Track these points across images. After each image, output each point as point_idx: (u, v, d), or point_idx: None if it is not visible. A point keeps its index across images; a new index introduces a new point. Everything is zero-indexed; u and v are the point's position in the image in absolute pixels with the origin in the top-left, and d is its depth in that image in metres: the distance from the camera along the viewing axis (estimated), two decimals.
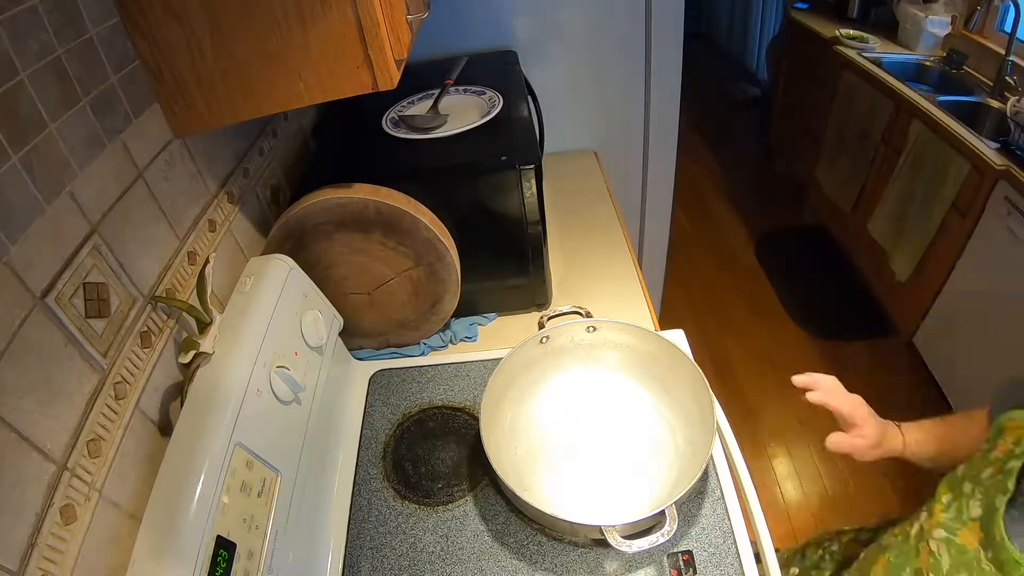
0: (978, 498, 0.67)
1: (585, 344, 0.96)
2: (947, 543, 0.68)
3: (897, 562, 0.75)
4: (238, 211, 0.95)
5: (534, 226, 1.02)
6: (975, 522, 0.66)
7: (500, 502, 0.85)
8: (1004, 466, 0.64)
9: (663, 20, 1.54)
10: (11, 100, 0.53)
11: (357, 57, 0.74)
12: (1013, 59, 2.03)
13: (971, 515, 0.67)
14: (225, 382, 0.68)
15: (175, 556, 0.55)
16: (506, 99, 1.16)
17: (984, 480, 0.67)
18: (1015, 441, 0.65)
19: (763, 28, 4.10)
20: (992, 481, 0.65)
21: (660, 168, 1.84)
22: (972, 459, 0.71)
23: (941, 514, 0.71)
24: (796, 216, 3.10)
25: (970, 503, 0.68)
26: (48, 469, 0.53)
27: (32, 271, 0.54)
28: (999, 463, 0.65)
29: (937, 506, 0.72)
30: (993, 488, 0.65)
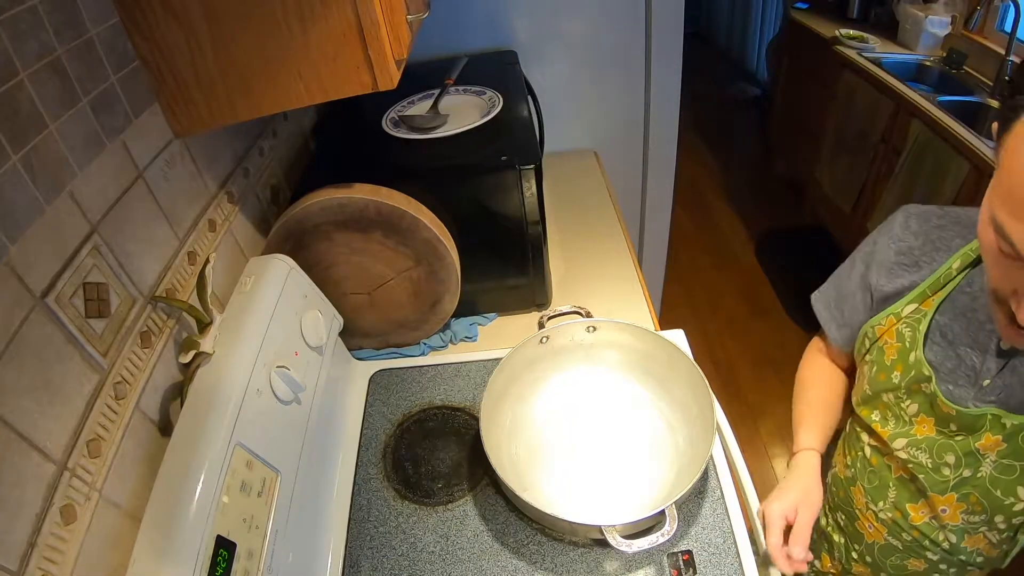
0: (905, 399, 0.73)
1: (585, 344, 0.96)
2: (914, 444, 0.72)
3: (873, 486, 0.79)
4: (238, 211, 0.95)
5: (534, 226, 1.02)
6: (918, 416, 0.72)
7: (500, 502, 0.85)
8: (908, 360, 0.71)
9: (663, 20, 1.54)
10: (11, 100, 0.53)
11: (357, 57, 0.74)
12: (1013, 59, 2.03)
13: (911, 413, 0.72)
14: (225, 382, 0.68)
15: (175, 556, 0.55)
16: (506, 99, 1.16)
17: (900, 384, 0.73)
18: (898, 338, 0.73)
19: (763, 28, 4.10)
20: (909, 378, 0.71)
21: (660, 168, 1.84)
22: (869, 379, 0.77)
23: (884, 429, 0.76)
24: (796, 216, 3.10)
25: (902, 406, 0.73)
26: (48, 469, 0.53)
27: (32, 271, 0.54)
28: (900, 366, 0.72)
29: (874, 425, 0.77)
30: (914, 382, 0.71)
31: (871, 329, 0.77)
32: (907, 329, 0.72)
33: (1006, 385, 0.65)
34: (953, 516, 0.70)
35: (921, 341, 0.70)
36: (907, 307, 0.73)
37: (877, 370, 0.76)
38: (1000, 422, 0.64)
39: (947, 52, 2.35)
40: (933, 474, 0.70)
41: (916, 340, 0.71)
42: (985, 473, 0.66)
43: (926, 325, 0.71)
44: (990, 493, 0.66)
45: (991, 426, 0.64)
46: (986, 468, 0.66)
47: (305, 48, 0.73)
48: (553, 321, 0.97)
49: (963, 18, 2.31)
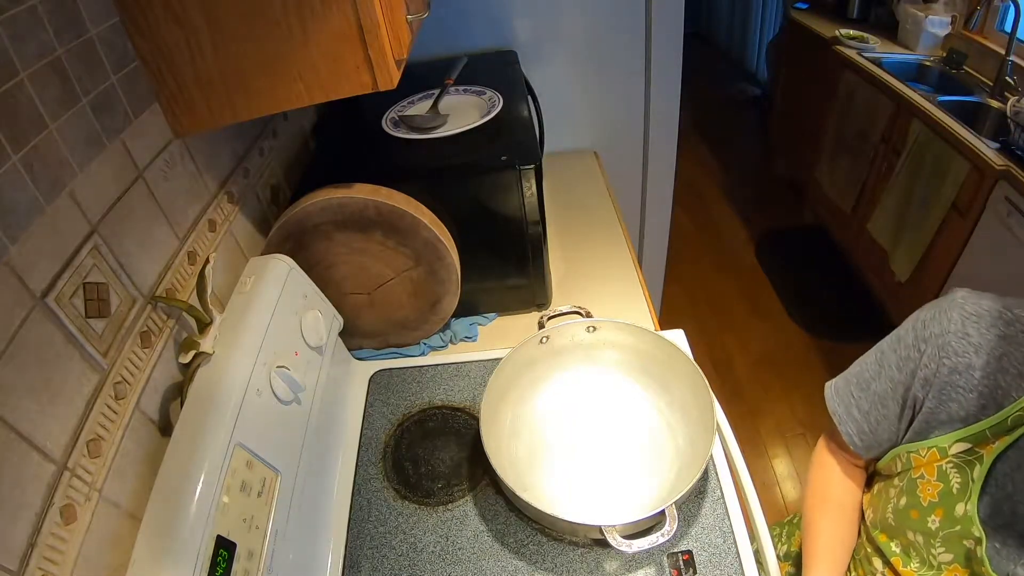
0: (939, 547, 0.62)
1: (585, 344, 0.96)
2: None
3: None
4: (238, 211, 0.95)
5: (534, 226, 1.02)
6: (951, 566, 0.61)
7: (500, 502, 0.85)
8: (953, 511, 0.60)
9: (663, 20, 1.54)
10: (11, 100, 0.53)
11: (357, 57, 0.74)
12: (1013, 59, 2.03)
13: (943, 560, 0.62)
14: (225, 382, 0.68)
15: (175, 556, 0.55)
16: (506, 99, 1.16)
17: (936, 531, 0.62)
18: (940, 478, 0.61)
19: (763, 28, 4.10)
20: (950, 531, 0.60)
21: (660, 168, 1.84)
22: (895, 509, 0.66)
23: (906, 569, 0.66)
24: (796, 216, 3.10)
25: (932, 552, 0.63)
26: (48, 469, 0.53)
27: (32, 271, 0.54)
28: (942, 511, 0.61)
29: (895, 560, 0.67)
30: (956, 536, 0.60)
31: (906, 455, 0.65)
32: (955, 472, 0.60)
33: None
34: None
35: (977, 494, 0.58)
36: (956, 444, 0.60)
37: (907, 504, 0.65)
38: None
39: (947, 52, 2.35)
40: None
41: (969, 491, 0.59)
42: None
43: (983, 474, 0.58)
44: None
45: None
46: None
47: (305, 48, 0.73)
48: (553, 321, 0.97)
49: (963, 18, 2.31)
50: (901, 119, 2.14)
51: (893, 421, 0.68)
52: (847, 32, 2.58)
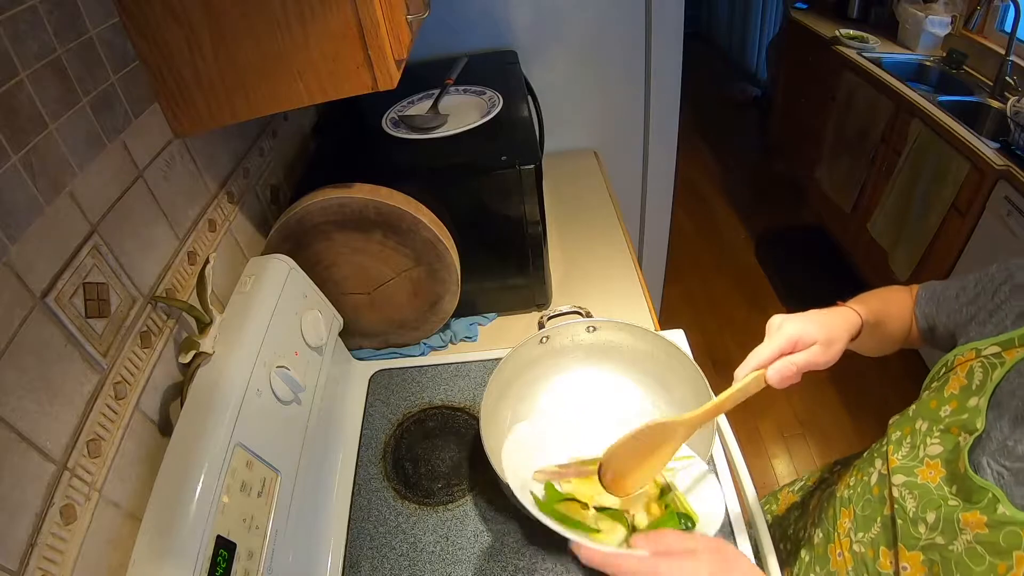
0: (936, 436, 0.66)
1: (585, 344, 0.96)
2: (908, 487, 0.67)
3: (864, 515, 0.74)
4: (238, 211, 0.95)
5: (534, 226, 1.02)
6: (934, 460, 0.65)
7: (500, 502, 0.85)
8: (966, 402, 0.64)
9: (663, 20, 1.54)
10: (11, 100, 0.53)
11: (357, 57, 0.74)
12: (1013, 59, 2.03)
13: (929, 453, 0.66)
14: (225, 382, 0.68)
15: (175, 556, 0.55)
16: (506, 99, 1.16)
17: (944, 418, 0.66)
18: (967, 375, 0.66)
19: (763, 28, 4.10)
20: (954, 420, 0.65)
21: (660, 168, 1.84)
22: (921, 398, 0.71)
23: (895, 457, 0.70)
24: (796, 216, 3.11)
25: (927, 441, 0.67)
26: (48, 469, 0.53)
27: (32, 271, 0.54)
28: (956, 402, 0.65)
29: (891, 448, 0.72)
30: (957, 426, 0.64)
31: (952, 356, 0.69)
32: (980, 371, 0.65)
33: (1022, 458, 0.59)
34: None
35: (990, 391, 0.62)
36: (990, 346, 0.65)
37: (931, 396, 0.69)
38: (995, 506, 0.57)
39: (947, 52, 2.35)
40: (910, 525, 0.65)
41: (985, 387, 0.63)
42: (956, 550, 0.60)
43: (1001, 375, 0.62)
44: (952, 573, 0.60)
45: (986, 506, 0.58)
46: (959, 545, 0.60)
47: (305, 48, 0.73)
48: (553, 321, 0.97)
49: (963, 18, 2.31)
50: (901, 119, 2.14)
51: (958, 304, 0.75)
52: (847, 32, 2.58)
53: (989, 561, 0.57)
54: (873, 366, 2.25)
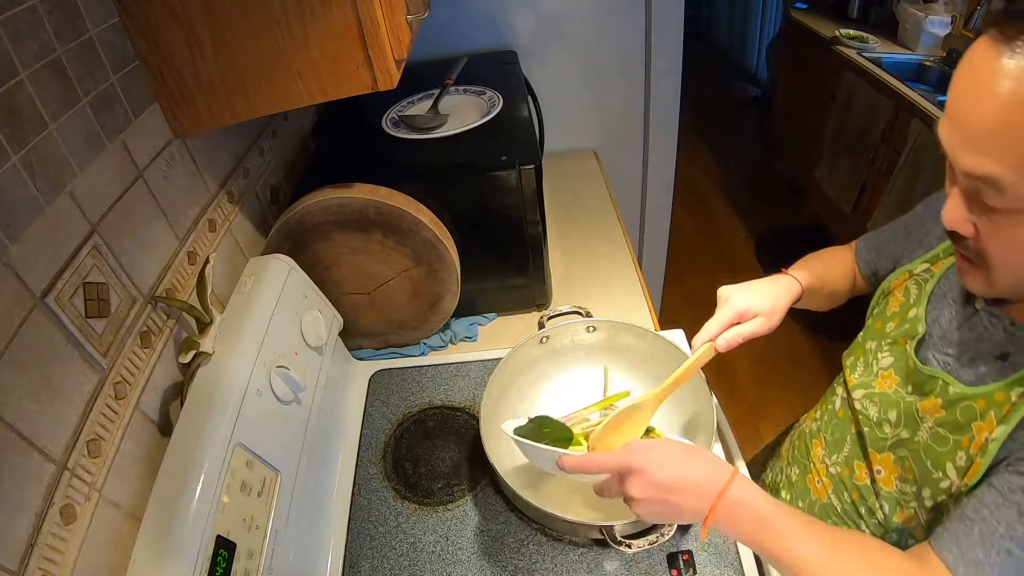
0: (885, 350, 0.73)
1: (585, 344, 0.96)
2: (868, 397, 0.73)
3: (834, 438, 0.79)
4: (238, 211, 0.95)
5: (534, 226, 1.02)
6: (887, 370, 0.72)
7: (500, 502, 0.85)
8: (906, 314, 0.72)
9: (663, 20, 1.54)
10: (11, 100, 0.53)
11: (357, 57, 0.74)
12: None
13: (881, 366, 0.73)
14: (225, 382, 0.68)
15: (175, 556, 0.55)
16: (506, 99, 1.16)
17: (889, 333, 0.74)
18: (904, 294, 0.74)
19: (763, 28, 4.10)
20: (899, 332, 0.72)
21: (660, 168, 1.84)
22: (867, 327, 0.79)
23: (852, 377, 0.77)
24: (796, 216, 3.10)
25: (878, 356, 0.74)
26: (48, 469, 0.53)
27: (32, 271, 0.54)
28: (898, 318, 0.73)
29: (846, 373, 0.79)
30: (902, 336, 0.71)
31: (887, 283, 0.78)
32: (914, 286, 0.73)
33: (963, 339, 0.65)
34: (888, 480, 0.70)
35: (925, 300, 0.70)
36: (920, 265, 0.74)
37: (876, 320, 0.77)
38: (947, 389, 0.63)
39: (947, 52, 2.35)
40: (875, 429, 0.71)
41: (921, 297, 0.71)
42: (921, 439, 0.66)
43: (933, 285, 0.71)
44: (922, 461, 0.65)
45: (938, 391, 0.64)
46: (923, 434, 0.65)
47: (305, 48, 0.73)
48: (553, 321, 0.97)
49: (963, 18, 2.31)
50: (901, 119, 2.14)
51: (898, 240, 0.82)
52: (847, 32, 2.58)
53: (952, 439, 0.62)
54: None
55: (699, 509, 0.58)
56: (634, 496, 0.59)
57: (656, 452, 0.60)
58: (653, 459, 0.59)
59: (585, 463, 0.63)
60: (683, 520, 0.61)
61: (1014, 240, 0.50)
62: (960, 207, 0.53)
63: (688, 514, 0.59)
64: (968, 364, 0.63)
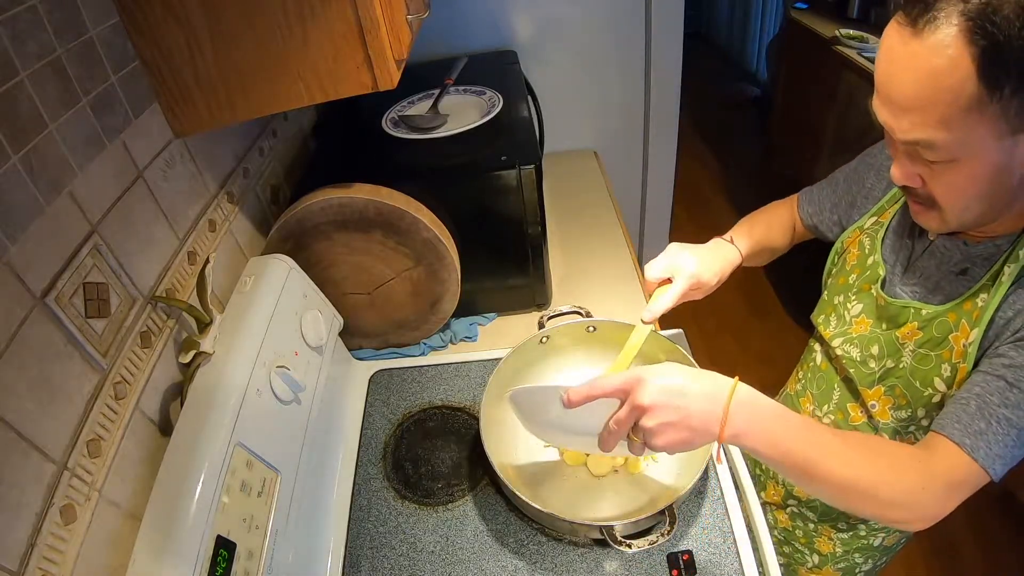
0: (853, 300, 0.79)
1: (585, 344, 0.96)
2: (848, 342, 0.79)
3: (821, 390, 0.85)
4: (238, 211, 0.95)
5: (534, 226, 1.02)
6: (858, 316, 0.78)
7: (500, 502, 0.85)
8: (865, 263, 0.78)
9: (663, 20, 1.54)
10: (11, 100, 0.53)
11: (357, 57, 0.74)
12: None
13: (853, 314, 0.79)
14: (225, 382, 0.68)
15: (175, 556, 0.55)
16: (506, 99, 1.16)
17: (853, 284, 0.79)
18: (859, 248, 0.80)
19: (763, 28, 4.10)
20: (862, 279, 0.78)
21: (660, 168, 1.84)
22: (829, 285, 0.85)
23: (827, 331, 0.82)
24: None
25: (847, 306, 0.80)
26: (48, 469, 0.53)
27: (32, 271, 0.54)
28: (858, 268, 0.79)
29: (820, 330, 0.84)
30: (866, 282, 0.77)
31: (840, 243, 0.84)
32: (867, 238, 0.79)
33: (925, 268, 0.71)
34: (883, 412, 0.74)
35: (879, 246, 0.77)
36: (869, 220, 0.80)
37: (837, 278, 0.83)
38: (920, 312, 0.69)
39: None
40: (861, 367, 0.76)
41: (875, 245, 0.77)
42: (906, 364, 0.71)
43: (883, 232, 0.77)
44: (911, 384, 0.70)
45: (912, 316, 0.70)
46: (906, 358, 0.71)
47: (305, 48, 0.73)
48: (553, 321, 0.97)
49: None
50: None
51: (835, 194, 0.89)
52: (847, 32, 2.58)
53: (934, 355, 0.68)
54: None
55: (711, 412, 0.58)
56: (644, 403, 0.58)
57: (661, 366, 0.62)
58: (659, 370, 0.60)
59: (591, 388, 0.62)
60: (697, 435, 0.58)
61: (955, 183, 0.58)
62: (905, 165, 0.61)
63: (700, 420, 0.58)
64: (934, 289, 0.70)
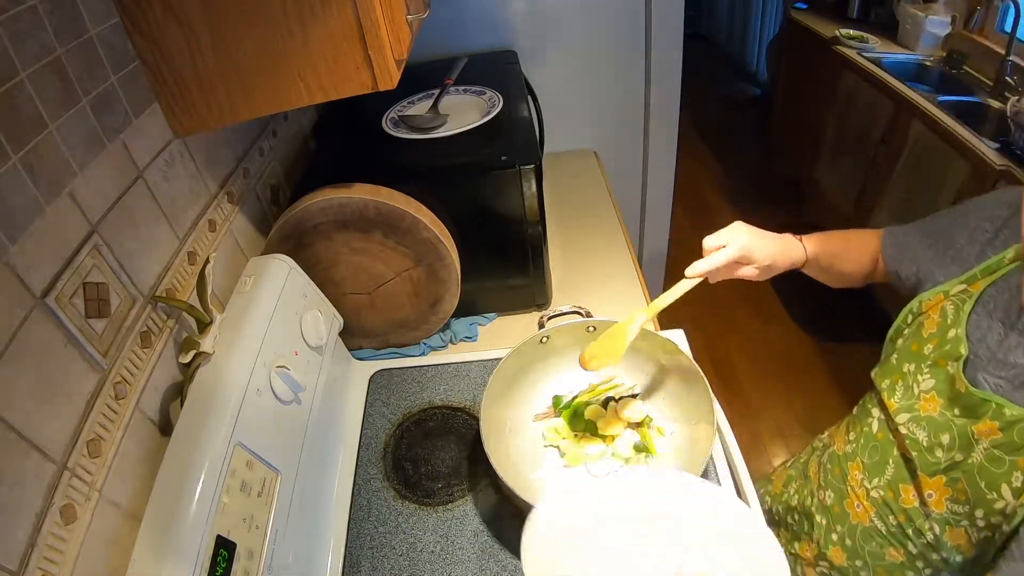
0: (925, 372, 0.73)
1: (585, 344, 0.96)
2: (915, 421, 0.73)
3: (873, 461, 0.79)
4: (238, 211, 0.95)
5: (534, 226, 1.02)
6: (929, 393, 0.72)
7: (500, 502, 0.85)
8: (945, 335, 0.72)
9: (663, 20, 1.54)
10: (11, 100, 0.53)
11: (357, 57, 0.74)
12: (1013, 59, 2.03)
13: (923, 388, 0.73)
14: (225, 382, 0.68)
15: (175, 556, 0.55)
16: (506, 99, 1.16)
17: (928, 355, 0.73)
18: (940, 315, 0.74)
19: (763, 28, 4.10)
20: (939, 353, 0.72)
21: (660, 168, 1.84)
22: (898, 345, 0.79)
23: (892, 401, 0.77)
24: (796, 216, 3.10)
25: (918, 379, 0.74)
26: (48, 469, 0.53)
27: (32, 271, 0.54)
28: (936, 339, 0.73)
29: (884, 395, 0.78)
30: (943, 358, 0.71)
31: (917, 303, 0.78)
32: (951, 307, 0.72)
33: (1016, 360, 0.64)
34: (939, 503, 0.70)
35: (965, 320, 0.70)
36: (956, 286, 0.73)
37: (910, 341, 0.76)
38: (1002, 411, 0.63)
39: (947, 52, 2.35)
40: (927, 454, 0.71)
41: (959, 318, 0.71)
42: (975, 461, 0.66)
43: (971, 305, 0.70)
44: (976, 483, 0.66)
45: (993, 413, 0.64)
46: (977, 455, 0.66)
47: (305, 48, 0.73)
48: (553, 321, 0.97)
49: (963, 18, 2.31)
50: (901, 119, 2.14)
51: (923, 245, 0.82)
52: (847, 32, 2.58)
53: (1008, 460, 0.63)
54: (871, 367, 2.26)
55: None
56: None
57: None
58: None
59: None
60: None
61: None
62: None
63: None
64: (1022, 386, 0.63)
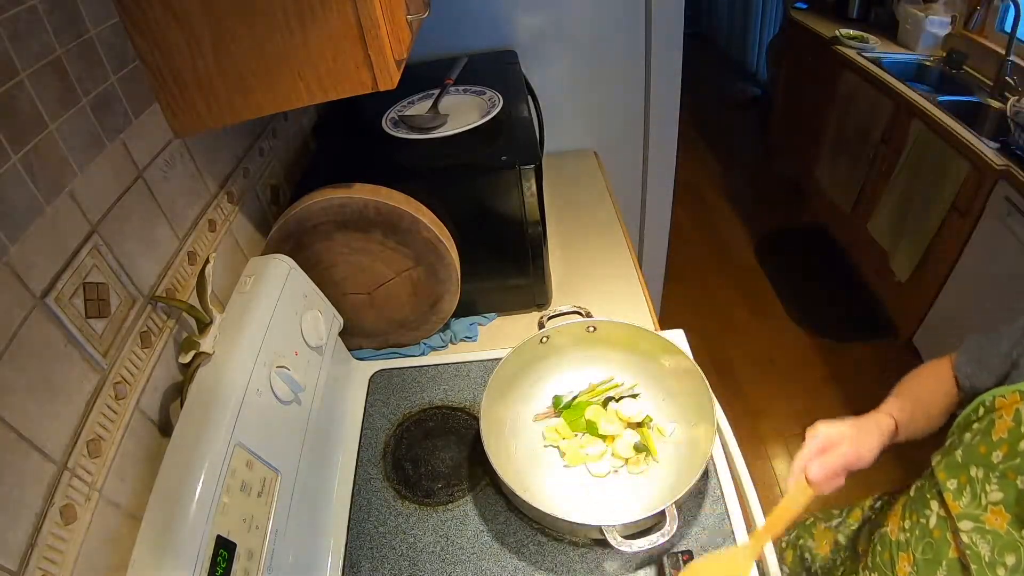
0: (994, 483, 0.67)
1: (585, 344, 0.96)
2: (979, 532, 0.68)
3: (926, 558, 0.74)
4: (238, 211, 0.95)
5: (534, 226, 1.02)
6: (997, 506, 0.67)
7: (500, 502, 0.85)
8: (1017, 446, 0.65)
9: (663, 20, 1.54)
10: (11, 100, 0.53)
11: (357, 57, 0.74)
12: (1013, 59, 2.03)
13: (991, 500, 0.67)
14: (225, 382, 0.68)
15: (175, 556, 0.55)
16: (506, 99, 1.16)
17: (997, 464, 0.67)
18: (1014, 418, 0.67)
19: (763, 28, 4.10)
20: (1009, 465, 0.66)
21: (660, 168, 1.84)
22: (965, 443, 0.72)
23: (956, 504, 0.71)
24: (796, 216, 3.10)
25: (987, 488, 0.68)
26: (48, 469, 0.53)
27: (32, 271, 0.54)
28: (1007, 447, 0.66)
29: (948, 496, 0.73)
30: (1012, 471, 0.65)
31: (991, 398, 0.72)
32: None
33: None
34: None
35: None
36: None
37: (979, 441, 0.71)
38: None
39: (947, 52, 2.35)
40: (987, 570, 0.66)
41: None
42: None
43: None
44: None
45: None
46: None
47: (305, 48, 0.73)
48: (553, 321, 0.97)
49: (963, 18, 2.31)
50: (901, 119, 2.14)
51: (998, 355, 0.76)
52: (847, 32, 2.58)
53: None
54: (871, 367, 2.26)
55: None
56: None
57: None
58: None
59: None
60: None
61: None
62: None
63: None
64: None
